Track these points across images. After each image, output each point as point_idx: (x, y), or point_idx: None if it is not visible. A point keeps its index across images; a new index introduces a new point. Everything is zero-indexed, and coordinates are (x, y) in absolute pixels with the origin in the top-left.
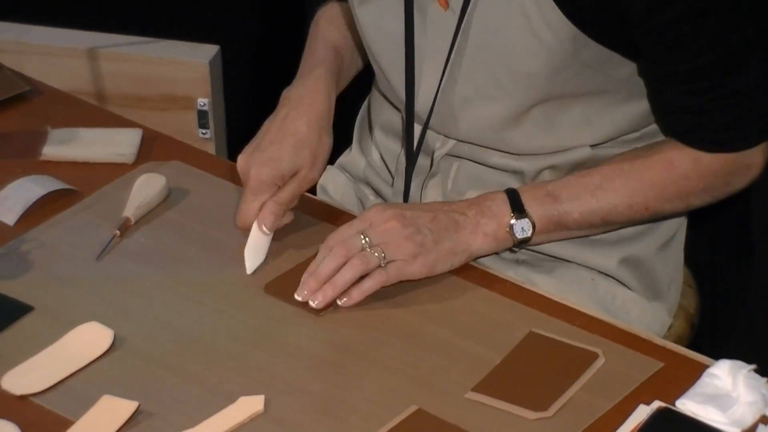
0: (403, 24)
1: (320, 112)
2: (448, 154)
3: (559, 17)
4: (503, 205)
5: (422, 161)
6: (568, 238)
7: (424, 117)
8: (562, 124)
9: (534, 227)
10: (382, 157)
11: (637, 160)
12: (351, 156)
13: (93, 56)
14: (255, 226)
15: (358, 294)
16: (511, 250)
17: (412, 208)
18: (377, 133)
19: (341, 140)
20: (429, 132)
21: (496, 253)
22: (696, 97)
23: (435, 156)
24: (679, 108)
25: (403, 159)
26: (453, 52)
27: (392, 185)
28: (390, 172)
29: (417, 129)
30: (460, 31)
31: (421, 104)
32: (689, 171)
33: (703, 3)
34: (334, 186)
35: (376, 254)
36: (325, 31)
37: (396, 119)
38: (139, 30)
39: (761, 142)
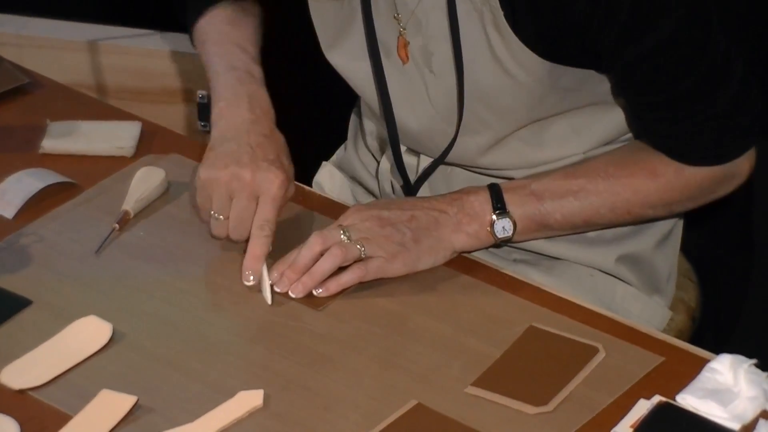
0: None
1: (273, 122)
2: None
3: (531, 57)
4: (485, 204)
5: (411, 162)
6: (550, 237)
7: (408, 144)
8: (549, 139)
9: (515, 227)
10: (373, 156)
11: (622, 164)
12: (346, 154)
13: (92, 49)
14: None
15: (335, 286)
16: (495, 246)
17: (390, 208)
18: (367, 135)
19: (336, 137)
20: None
21: (496, 247)
22: (678, 123)
23: (420, 161)
24: (661, 133)
25: (385, 166)
26: (429, 95)
27: (379, 188)
28: (380, 167)
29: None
30: (435, 77)
31: (404, 131)
32: (672, 181)
33: (673, 34)
34: (331, 183)
35: (358, 246)
36: (232, 35)
37: (382, 129)
38: (139, 22)
39: (745, 152)
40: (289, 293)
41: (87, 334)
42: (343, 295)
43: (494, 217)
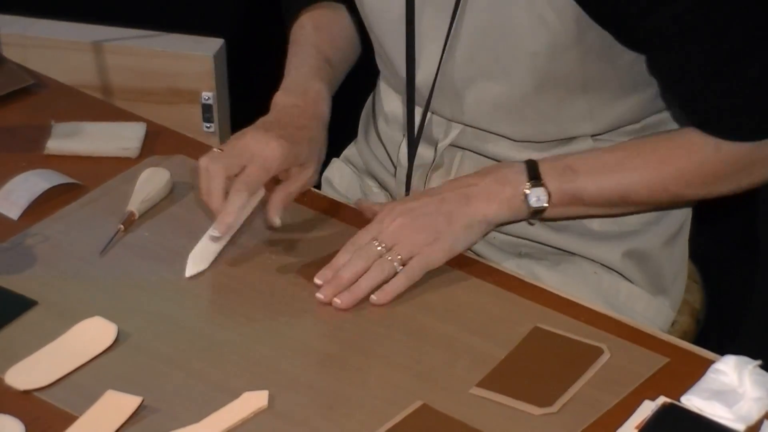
0: (404, 4)
1: (324, 123)
2: (452, 145)
3: None
4: (520, 174)
5: (426, 153)
6: (584, 216)
7: (426, 98)
8: (565, 114)
9: (550, 198)
10: (385, 149)
11: (659, 141)
12: (356, 149)
13: (97, 50)
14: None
15: (385, 296)
16: (529, 222)
17: (418, 198)
18: (381, 124)
19: (347, 133)
20: (432, 121)
21: (530, 223)
22: (712, 85)
23: (438, 147)
24: (696, 97)
25: (404, 148)
26: (453, 31)
27: (395, 175)
28: (393, 162)
29: (419, 113)
30: (460, 10)
31: (423, 84)
32: (710, 156)
33: None
34: (340, 179)
35: (390, 258)
36: (315, 39)
37: (400, 108)
38: (144, 23)
39: None
40: (333, 303)
41: (92, 335)
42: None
43: (528, 188)
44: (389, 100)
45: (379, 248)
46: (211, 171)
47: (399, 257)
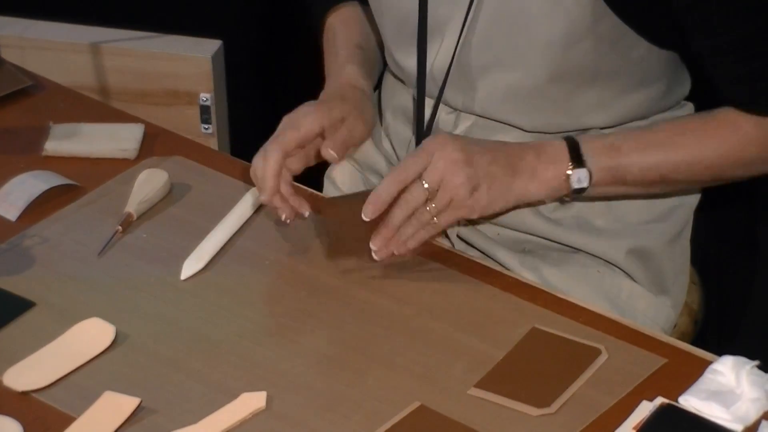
0: None
1: (363, 92)
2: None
3: None
4: (562, 152)
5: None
6: (623, 195)
7: (437, 89)
8: (576, 105)
9: (591, 178)
10: (391, 143)
11: (702, 120)
12: (362, 148)
13: (95, 51)
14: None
15: (414, 243)
16: (562, 200)
17: (473, 144)
18: (388, 118)
19: None
20: (442, 114)
21: (571, 200)
22: (750, 63)
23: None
24: (735, 78)
25: (414, 144)
26: (470, 18)
27: None
28: (398, 157)
29: (429, 106)
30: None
31: (436, 74)
32: (753, 134)
33: None
34: (342, 176)
35: (429, 209)
36: (344, 32)
37: (408, 102)
38: (142, 25)
39: None
40: (373, 255)
41: (90, 336)
42: (344, 297)
43: (570, 168)
44: (396, 94)
45: (425, 187)
46: (267, 151)
47: (436, 208)
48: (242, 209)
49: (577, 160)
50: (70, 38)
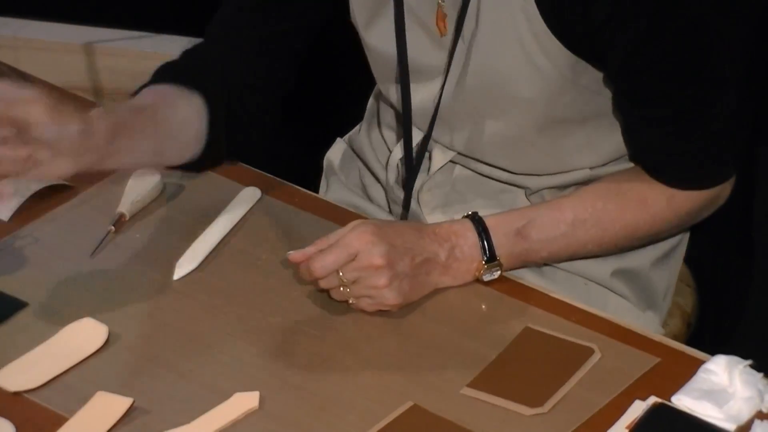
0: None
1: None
2: (451, 161)
3: (557, 46)
4: (474, 249)
5: (423, 163)
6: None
7: (425, 124)
8: (564, 148)
9: (501, 268)
10: (382, 136)
11: (611, 199)
12: (359, 136)
13: (89, 51)
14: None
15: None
16: None
17: (397, 246)
18: (384, 128)
19: (355, 115)
20: (434, 151)
21: None
22: (673, 139)
23: (433, 161)
24: (655, 148)
25: (396, 156)
26: (450, 74)
27: (386, 167)
28: (388, 147)
29: (418, 135)
30: (457, 54)
31: (423, 110)
32: (663, 210)
33: (681, 42)
34: (341, 160)
35: (347, 294)
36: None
37: (397, 119)
38: (136, 25)
39: (731, 177)
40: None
41: (83, 336)
42: None
43: (483, 267)
44: (388, 111)
45: (340, 281)
46: None
47: (351, 294)
48: (235, 209)
49: (490, 257)
50: (64, 38)
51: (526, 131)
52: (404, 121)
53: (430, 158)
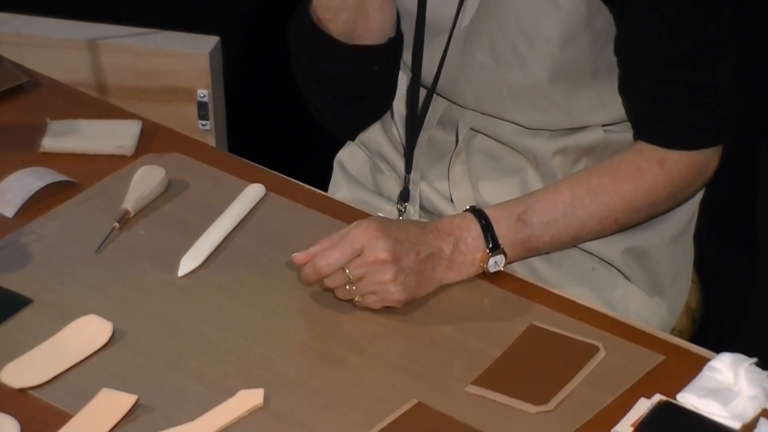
0: None
1: None
2: (471, 129)
3: None
4: (478, 239)
5: (448, 138)
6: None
7: (438, 86)
8: (577, 104)
9: (506, 257)
10: (397, 129)
11: (605, 173)
12: (372, 132)
13: (93, 48)
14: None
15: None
16: None
17: (402, 241)
18: (397, 103)
19: None
20: (446, 109)
21: None
22: (668, 86)
23: (459, 130)
24: (649, 97)
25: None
26: (465, 21)
27: (404, 155)
28: (403, 144)
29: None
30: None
31: (432, 69)
32: (657, 175)
33: None
34: (353, 162)
35: (349, 289)
36: None
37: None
38: (139, 21)
39: (721, 142)
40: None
41: (87, 333)
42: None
43: (488, 256)
44: (403, 85)
45: (347, 278)
46: None
47: (357, 292)
48: (240, 206)
49: (493, 246)
50: (68, 35)
51: (540, 81)
52: (413, 77)
53: (456, 133)
